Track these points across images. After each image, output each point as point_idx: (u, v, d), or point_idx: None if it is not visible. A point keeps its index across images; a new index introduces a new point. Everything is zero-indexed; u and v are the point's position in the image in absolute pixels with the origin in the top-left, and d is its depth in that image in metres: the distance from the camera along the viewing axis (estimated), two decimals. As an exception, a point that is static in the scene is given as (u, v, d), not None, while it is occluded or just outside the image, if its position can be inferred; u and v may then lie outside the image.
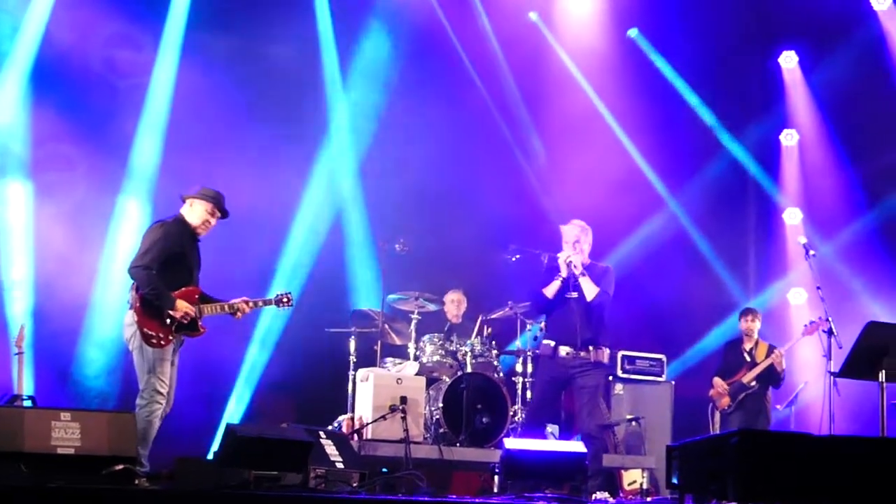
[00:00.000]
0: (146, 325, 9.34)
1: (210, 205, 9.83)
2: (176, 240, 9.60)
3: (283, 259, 14.08)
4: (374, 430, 11.24)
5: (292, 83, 14.65)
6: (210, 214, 9.83)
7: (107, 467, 7.67)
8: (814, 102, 15.86)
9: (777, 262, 15.99)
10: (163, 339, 9.38)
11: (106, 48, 13.66)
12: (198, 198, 9.81)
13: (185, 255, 9.68)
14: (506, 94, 15.69)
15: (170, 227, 9.68)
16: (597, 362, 10.83)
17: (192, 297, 9.59)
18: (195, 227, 9.80)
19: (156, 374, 9.33)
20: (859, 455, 7.62)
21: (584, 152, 15.23)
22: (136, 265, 9.43)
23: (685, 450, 7.95)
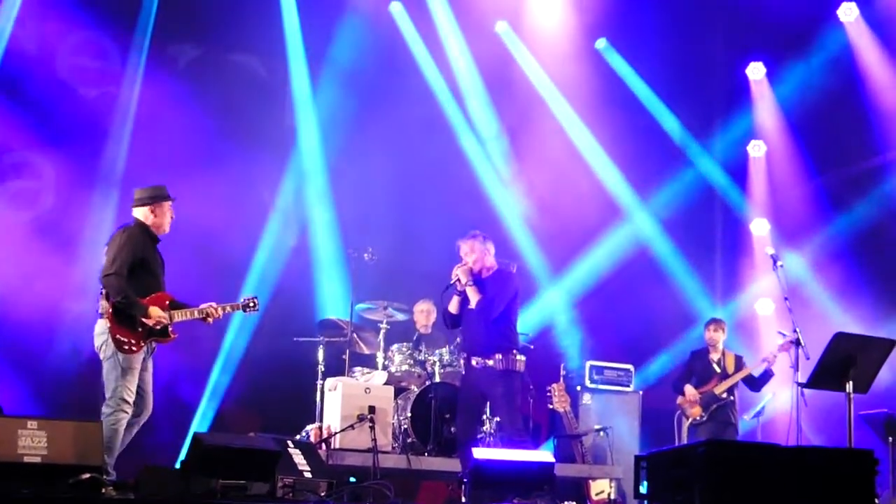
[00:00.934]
0: (118, 332, 9.32)
1: (168, 202, 9.88)
2: (140, 244, 9.60)
3: (251, 267, 14.04)
4: (342, 439, 11.23)
5: (260, 92, 14.66)
6: (169, 210, 9.90)
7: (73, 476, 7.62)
8: (781, 113, 15.91)
9: (744, 273, 16.03)
10: (134, 346, 9.37)
11: (72, 57, 13.62)
12: (155, 201, 9.83)
13: (148, 259, 9.67)
14: (474, 105, 15.70)
15: (132, 231, 9.69)
16: (506, 370, 10.75)
17: (162, 302, 9.58)
18: (160, 228, 9.82)
19: (125, 382, 9.31)
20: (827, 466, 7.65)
21: (551, 162, 15.28)
22: (107, 273, 9.41)
23: (653, 459, 7.96)
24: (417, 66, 15.37)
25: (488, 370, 10.73)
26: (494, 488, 9.29)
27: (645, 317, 15.21)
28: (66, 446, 7.91)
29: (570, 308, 15.46)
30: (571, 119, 15.87)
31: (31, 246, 12.76)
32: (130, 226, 9.77)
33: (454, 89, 15.60)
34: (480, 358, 10.77)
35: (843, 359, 9.67)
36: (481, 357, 10.76)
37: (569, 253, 15.44)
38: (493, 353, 10.73)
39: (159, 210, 9.83)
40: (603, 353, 14.64)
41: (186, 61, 14.49)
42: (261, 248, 14.19)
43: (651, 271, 15.74)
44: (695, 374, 13.34)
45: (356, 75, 14.73)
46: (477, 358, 10.79)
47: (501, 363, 10.73)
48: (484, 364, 10.74)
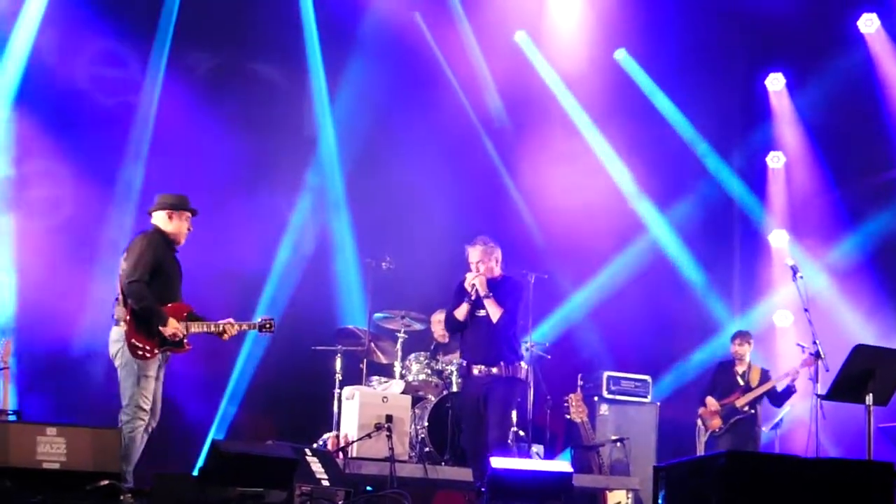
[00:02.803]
0: (134, 337, 9.34)
1: (188, 213, 9.90)
2: (158, 249, 9.61)
3: (269, 276, 14.04)
4: (359, 448, 11.21)
5: (278, 100, 14.66)
6: (187, 220, 9.90)
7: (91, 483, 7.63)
8: (801, 125, 15.88)
9: (762, 285, 15.99)
10: (148, 352, 9.38)
11: (92, 66, 13.66)
12: (175, 209, 9.85)
13: (166, 265, 9.67)
14: (493, 114, 15.71)
15: (152, 238, 9.70)
16: (509, 378, 10.73)
17: (181, 313, 9.58)
18: (176, 238, 9.82)
19: (140, 389, 9.34)
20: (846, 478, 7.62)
21: (570, 173, 15.24)
22: (132, 280, 9.41)
23: (672, 470, 7.94)
24: (436, 76, 15.35)
25: (491, 376, 10.69)
26: (512, 498, 9.27)
27: (663, 328, 15.18)
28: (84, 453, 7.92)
29: (588, 318, 15.42)
30: (590, 129, 15.84)
31: (50, 253, 12.78)
32: (149, 231, 9.78)
33: (473, 99, 15.59)
34: (484, 366, 10.71)
35: (863, 371, 9.63)
36: (485, 365, 10.71)
37: (587, 263, 15.40)
38: (498, 361, 10.70)
39: (178, 218, 9.83)
40: (620, 364, 14.59)
41: (205, 70, 14.51)
42: (278, 257, 14.18)
43: (669, 282, 15.71)
44: (718, 386, 13.31)
45: (375, 85, 14.73)
46: (480, 366, 10.73)
47: (505, 371, 10.69)
48: (488, 371, 10.69)
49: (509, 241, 14.74)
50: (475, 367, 10.76)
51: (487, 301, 10.72)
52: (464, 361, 10.98)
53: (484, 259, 10.85)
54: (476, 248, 10.90)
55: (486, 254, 10.88)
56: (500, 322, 10.70)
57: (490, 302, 10.73)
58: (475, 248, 10.91)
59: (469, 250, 10.95)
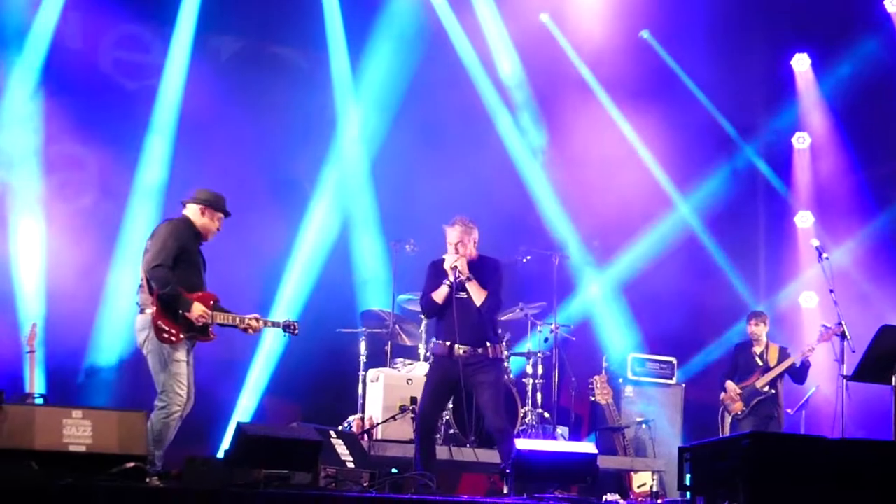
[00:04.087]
0: (161, 320, 9.33)
1: (221, 213, 9.87)
2: (184, 236, 9.59)
3: (292, 260, 14.06)
4: (384, 430, 11.25)
5: (301, 84, 14.66)
6: (217, 219, 9.87)
7: (117, 465, 7.66)
8: (826, 105, 15.83)
9: (788, 266, 15.95)
10: (174, 336, 9.36)
11: (116, 50, 13.72)
12: (209, 206, 9.81)
13: (192, 253, 9.66)
14: (517, 96, 15.67)
15: (178, 225, 9.67)
16: (495, 358, 10.41)
17: (206, 302, 9.55)
18: (204, 234, 9.81)
19: (172, 374, 9.32)
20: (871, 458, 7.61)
21: (594, 154, 15.21)
22: (156, 264, 9.37)
23: (697, 451, 7.95)
24: (459, 57, 15.32)
25: (477, 356, 10.28)
26: (536, 480, 9.28)
27: (688, 309, 15.14)
28: (110, 436, 7.94)
29: (613, 300, 15.40)
30: (614, 111, 15.81)
31: (76, 237, 12.83)
32: (176, 219, 9.76)
33: (496, 80, 15.56)
34: (469, 347, 10.27)
35: (889, 352, 9.63)
36: (471, 346, 10.28)
37: (612, 245, 15.38)
38: (483, 342, 10.33)
39: (209, 215, 9.79)
40: (645, 346, 14.60)
41: (228, 54, 14.54)
42: (302, 240, 14.19)
43: (694, 263, 15.66)
44: (738, 368, 13.30)
45: (397, 67, 14.71)
46: (464, 346, 10.26)
47: (492, 351, 10.36)
48: (473, 352, 10.28)
49: (533, 222, 14.81)
50: (459, 347, 10.28)
51: (470, 284, 10.36)
52: (444, 341, 10.39)
53: (464, 239, 10.46)
54: (455, 229, 10.52)
55: (466, 234, 10.50)
56: (484, 305, 10.34)
57: (473, 285, 10.36)
58: (454, 228, 10.52)
59: (447, 230, 10.57)
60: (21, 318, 12.31)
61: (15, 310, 12.45)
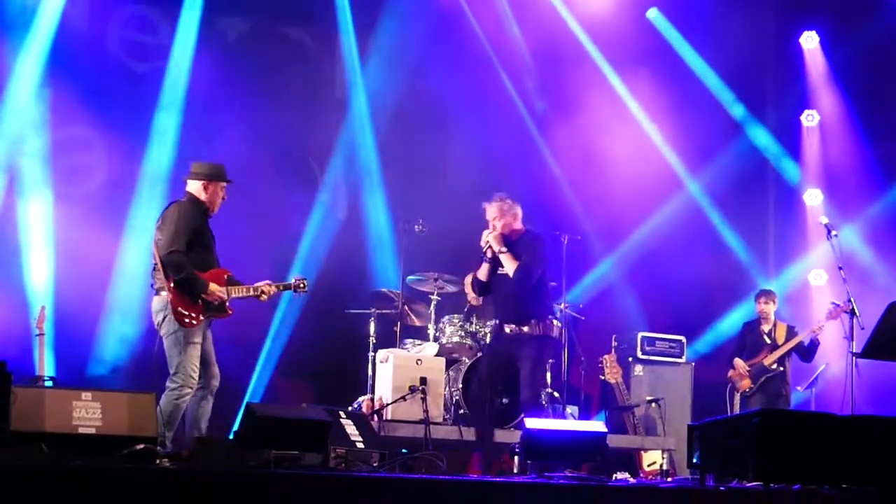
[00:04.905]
0: (180, 305, 9.40)
1: (223, 182, 9.89)
2: (193, 216, 9.63)
3: (302, 240, 14.06)
4: (394, 410, 11.24)
5: (310, 64, 14.65)
6: (222, 189, 9.90)
7: (127, 447, 7.67)
8: (835, 83, 15.79)
9: (797, 244, 15.93)
10: (194, 319, 9.46)
11: (123, 31, 13.69)
12: (210, 179, 9.83)
13: (202, 233, 9.70)
14: (525, 75, 15.64)
15: (186, 206, 9.70)
16: (540, 336, 10.71)
17: (220, 278, 9.64)
18: (210, 207, 9.83)
19: (188, 357, 9.42)
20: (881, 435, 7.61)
21: (603, 133, 15.19)
22: (171, 250, 9.43)
23: (706, 429, 7.95)
24: (466, 35, 15.27)
25: (522, 336, 10.66)
26: (546, 459, 9.28)
27: (697, 288, 15.13)
28: (120, 418, 7.96)
29: (622, 279, 15.39)
30: (623, 89, 15.77)
31: (85, 219, 12.82)
32: (182, 200, 9.78)
33: (504, 59, 15.51)
34: (515, 325, 10.70)
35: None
36: (516, 324, 10.69)
37: (621, 223, 15.37)
38: (529, 319, 10.64)
39: (212, 188, 9.82)
40: (655, 325, 14.59)
41: (236, 35, 14.51)
42: (312, 221, 14.19)
43: (703, 242, 15.65)
44: (746, 346, 13.31)
45: (405, 46, 14.68)
46: (511, 325, 10.72)
47: (538, 328, 10.65)
48: (519, 331, 10.67)
49: (542, 201, 14.77)
50: (506, 326, 10.76)
51: (503, 256, 10.68)
52: (496, 321, 11.00)
53: (499, 216, 10.79)
54: (492, 206, 10.87)
55: (502, 210, 10.81)
56: (516, 276, 10.62)
57: (505, 256, 10.68)
58: (491, 205, 10.88)
59: (486, 207, 10.92)
60: (30, 301, 12.32)
61: (24, 293, 12.46)
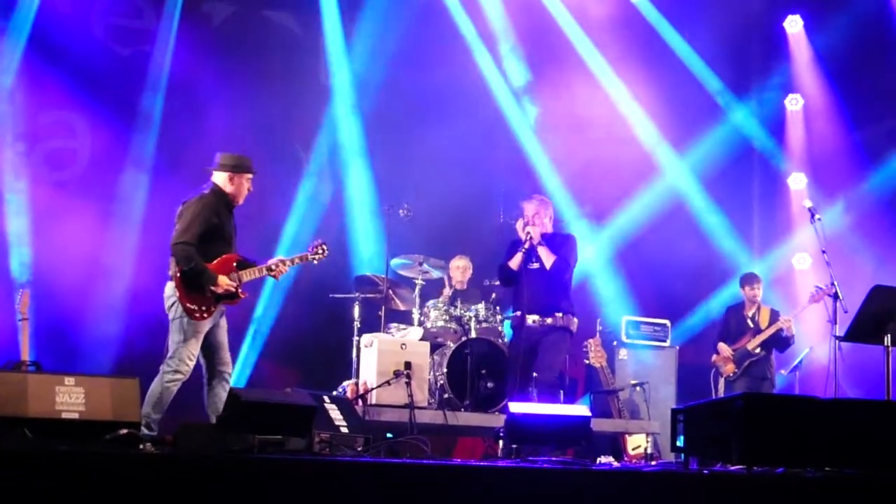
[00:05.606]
0: (188, 300, 9.45)
1: (249, 174, 9.91)
2: (214, 210, 9.65)
3: (287, 224, 14.05)
4: (378, 395, 11.23)
5: (294, 48, 14.63)
6: (248, 181, 9.92)
7: (111, 432, 7.66)
8: (819, 67, 15.79)
9: (781, 228, 15.94)
10: (205, 312, 9.53)
11: (107, 15, 13.67)
12: (236, 171, 9.84)
13: (222, 226, 9.72)
14: (509, 58, 15.62)
15: (208, 200, 9.70)
16: (563, 327, 11.11)
17: (230, 264, 9.65)
18: (236, 198, 9.87)
19: (187, 346, 9.47)
20: (864, 418, 7.63)
21: (587, 116, 15.18)
22: (177, 241, 9.45)
23: (690, 413, 7.96)
24: (451, 20, 15.25)
25: (546, 326, 11.04)
26: (531, 443, 9.29)
27: (682, 271, 15.13)
28: (103, 402, 7.94)
29: (607, 263, 15.40)
30: (607, 73, 15.74)
31: (67, 204, 12.80)
32: (206, 193, 9.75)
33: (488, 42, 15.51)
34: (539, 317, 11.05)
35: (881, 312, 9.60)
36: (540, 316, 11.04)
37: (605, 207, 15.38)
38: (554, 312, 11.05)
39: (238, 180, 9.85)
40: (639, 309, 14.61)
41: (220, 19, 14.49)
42: (296, 205, 14.19)
43: (688, 225, 15.65)
44: (730, 330, 13.33)
45: (390, 30, 14.66)
46: (535, 316, 11.06)
47: (562, 321, 11.06)
48: (542, 322, 11.03)
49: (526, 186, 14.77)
50: (530, 318, 11.04)
51: (541, 248, 11.08)
52: (517, 312, 11.16)
53: (539, 212, 11.23)
54: (532, 203, 11.32)
55: (541, 208, 11.29)
56: (553, 268, 11.06)
57: (544, 249, 11.07)
58: (530, 202, 11.33)
59: (525, 205, 11.32)
60: (13, 285, 12.29)
61: (8, 278, 12.44)
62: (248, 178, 9.90)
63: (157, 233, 12.85)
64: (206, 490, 6.11)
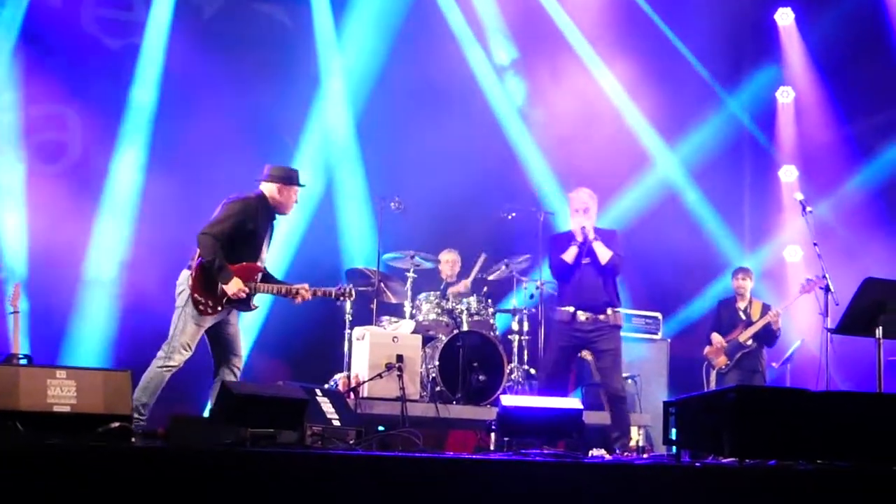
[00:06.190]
0: (198, 293, 9.48)
1: (297, 188, 9.99)
2: (252, 217, 9.68)
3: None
4: (370, 388, 11.23)
5: (285, 41, 14.61)
6: (296, 194, 10.00)
7: (103, 425, 7.64)
8: (810, 59, 15.82)
9: (772, 220, 15.97)
10: (211, 308, 9.53)
11: (97, 8, 13.64)
12: (285, 182, 9.91)
13: (256, 233, 9.74)
14: (500, 49, 15.62)
15: (251, 203, 9.74)
16: (614, 325, 11.10)
17: (252, 273, 9.66)
18: (282, 208, 9.95)
19: (184, 336, 9.49)
20: (856, 411, 7.63)
21: (578, 109, 15.18)
22: (204, 232, 9.47)
23: (682, 406, 7.96)
24: (442, 12, 15.24)
25: (599, 324, 10.99)
26: (522, 436, 9.29)
27: (673, 264, 15.16)
28: (95, 396, 7.91)
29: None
30: (598, 65, 15.75)
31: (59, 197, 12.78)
32: (251, 197, 9.81)
33: (479, 34, 15.50)
34: (591, 313, 10.99)
35: (873, 304, 9.60)
36: (591, 312, 10.99)
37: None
38: (605, 309, 11.01)
39: (286, 192, 9.91)
40: (631, 301, 14.59)
41: (211, 12, 14.45)
42: (287, 198, 14.15)
43: (679, 218, 15.67)
44: (722, 323, 13.34)
45: (380, 22, 14.65)
46: (588, 313, 11.00)
47: (612, 318, 11.05)
48: (595, 318, 10.97)
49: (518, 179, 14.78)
50: (582, 314, 10.99)
51: (597, 244, 11.01)
52: (568, 307, 11.06)
53: (591, 206, 11.18)
54: (582, 194, 11.21)
55: (593, 201, 11.23)
56: (609, 264, 11.01)
57: (599, 244, 11.01)
58: (581, 193, 11.23)
59: (573, 197, 11.27)
60: (4, 278, 12.27)
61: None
62: (295, 191, 9.99)
63: (149, 225, 12.89)
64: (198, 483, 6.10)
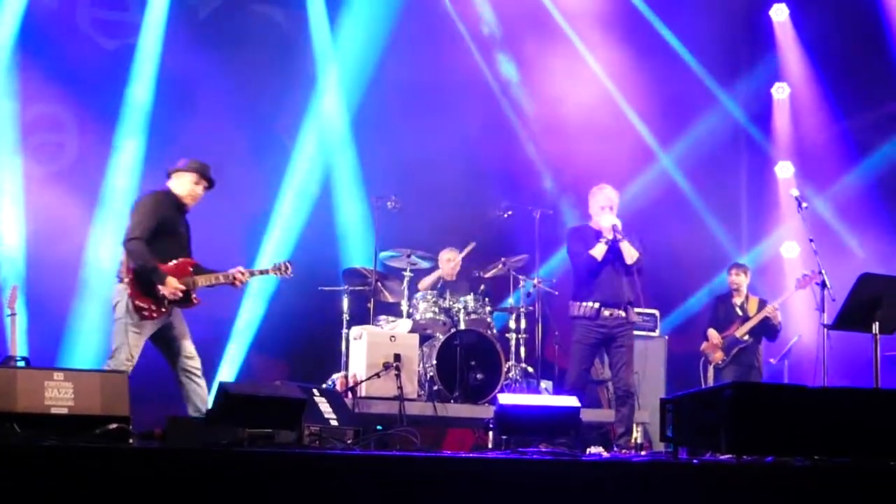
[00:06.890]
0: (139, 299, 9.45)
1: (195, 175, 9.88)
2: (166, 210, 9.64)
3: (273, 218, 14.04)
4: (368, 387, 11.24)
5: (280, 41, 14.60)
6: (195, 184, 9.88)
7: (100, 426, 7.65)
8: (805, 55, 15.82)
9: (769, 216, 15.97)
10: (154, 312, 9.50)
11: (93, 8, 13.64)
12: (182, 170, 9.85)
13: (174, 226, 9.71)
14: (497, 47, 15.61)
15: (159, 197, 9.73)
16: (633, 322, 11.35)
17: (185, 269, 9.62)
18: (183, 199, 9.84)
19: (129, 345, 9.46)
20: (853, 406, 7.64)
21: (574, 107, 15.18)
22: (130, 237, 9.46)
23: (679, 403, 7.96)
24: (437, 11, 15.24)
25: (620, 320, 11.16)
26: (520, 434, 9.30)
27: (670, 261, 15.12)
28: (92, 397, 7.92)
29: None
30: (594, 63, 15.75)
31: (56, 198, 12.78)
32: (157, 192, 9.81)
33: (475, 31, 15.50)
34: (616, 310, 11.14)
35: (869, 300, 9.62)
36: (616, 309, 11.14)
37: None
38: (629, 306, 11.20)
39: (193, 184, 9.84)
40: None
41: (207, 12, 14.45)
42: (283, 198, 14.17)
43: (676, 215, 15.66)
44: (719, 319, 13.34)
45: (376, 21, 14.64)
46: (612, 310, 11.14)
47: (633, 316, 11.31)
48: (618, 315, 11.14)
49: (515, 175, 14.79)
50: (606, 310, 11.13)
51: (624, 243, 11.14)
52: (592, 304, 11.14)
53: (616, 201, 11.35)
54: (609, 189, 11.38)
55: (616, 196, 11.39)
56: (636, 264, 11.18)
57: (626, 244, 11.14)
58: (606, 189, 11.39)
59: (598, 193, 11.39)
60: (2, 281, 12.28)
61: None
62: (203, 186, 9.91)
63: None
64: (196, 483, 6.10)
